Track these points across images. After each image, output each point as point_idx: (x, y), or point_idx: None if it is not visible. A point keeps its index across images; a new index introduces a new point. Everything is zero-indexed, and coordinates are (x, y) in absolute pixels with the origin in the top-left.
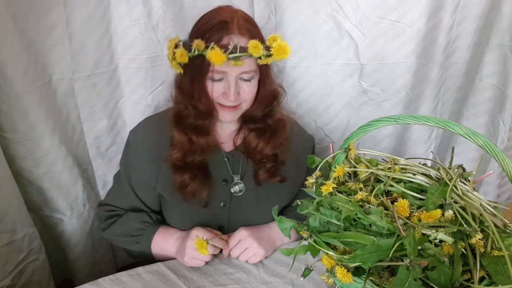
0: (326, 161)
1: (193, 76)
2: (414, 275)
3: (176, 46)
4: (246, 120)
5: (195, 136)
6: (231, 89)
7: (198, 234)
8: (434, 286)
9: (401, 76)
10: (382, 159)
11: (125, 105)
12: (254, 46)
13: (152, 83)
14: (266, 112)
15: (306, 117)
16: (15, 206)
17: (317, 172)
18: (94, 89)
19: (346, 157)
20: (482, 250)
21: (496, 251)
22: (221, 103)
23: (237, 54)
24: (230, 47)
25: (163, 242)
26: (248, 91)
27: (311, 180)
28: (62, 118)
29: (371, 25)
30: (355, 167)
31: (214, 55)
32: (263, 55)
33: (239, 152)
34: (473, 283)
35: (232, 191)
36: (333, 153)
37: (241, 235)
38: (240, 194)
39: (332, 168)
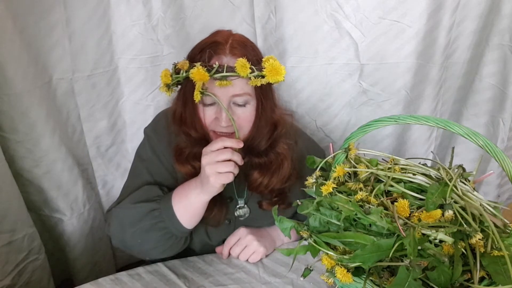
0: (326, 161)
1: (185, 100)
2: (414, 275)
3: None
4: (248, 151)
5: (199, 163)
6: (222, 113)
7: (209, 148)
8: (434, 286)
9: (401, 76)
10: (382, 159)
11: (125, 105)
12: (241, 65)
13: (152, 83)
14: (270, 144)
15: (306, 117)
16: (15, 206)
17: (317, 172)
18: (94, 89)
19: (346, 157)
20: (482, 250)
21: (496, 251)
22: (215, 130)
23: (223, 74)
24: (215, 65)
25: (183, 189)
26: (243, 117)
27: (311, 180)
28: (62, 118)
29: (371, 25)
30: (355, 167)
31: (196, 73)
32: (254, 76)
33: (243, 175)
34: (473, 283)
35: (236, 214)
36: (333, 153)
37: (241, 233)
38: (243, 218)
39: (332, 168)
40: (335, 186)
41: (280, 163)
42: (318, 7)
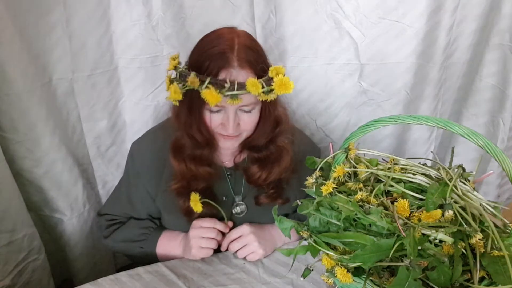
0: (326, 161)
1: (190, 106)
2: (414, 275)
3: (176, 68)
4: (248, 147)
5: (195, 166)
6: (229, 122)
7: (200, 223)
8: (434, 286)
9: (401, 76)
10: (382, 159)
11: (125, 105)
12: (252, 84)
13: (152, 83)
14: (269, 139)
15: (306, 117)
16: (15, 206)
17: (317, 172)
18: (94, 89)
19: (346, 157)
20: (482, 250)
21: (496, 251)
22: (221, 133)
23: (234, 92)
24: (227, 85)
25: (168, 245)
26: (249, 121)
27: (311, 180)
28: (62, 118)
29: (371, 25)
30: (355, 167)
31: (209, 95)
32: (264, 91)
33: (240, 172)
34: (473, 283)
35: (233, 212)
36: (333, 153)
37: (244, 230)
38: (242, 215)
39: (332, 168)
40: (335, 186)
41: (280, 155)
42: (318, 7)
